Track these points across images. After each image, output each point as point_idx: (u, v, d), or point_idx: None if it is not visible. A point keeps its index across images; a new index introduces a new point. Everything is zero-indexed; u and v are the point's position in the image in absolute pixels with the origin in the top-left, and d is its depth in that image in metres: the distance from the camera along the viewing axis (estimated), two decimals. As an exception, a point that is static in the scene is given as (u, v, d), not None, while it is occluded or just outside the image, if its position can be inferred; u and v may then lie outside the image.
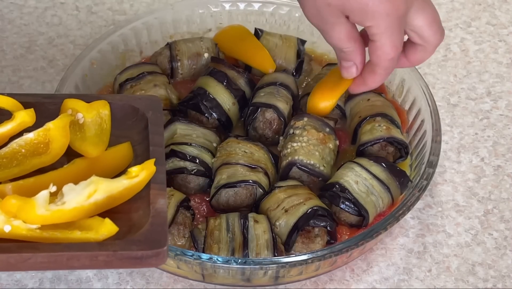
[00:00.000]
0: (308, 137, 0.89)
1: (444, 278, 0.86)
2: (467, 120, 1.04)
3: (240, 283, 0.83)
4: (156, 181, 0.64)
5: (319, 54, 1.07)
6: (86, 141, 0.68)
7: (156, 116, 0.71)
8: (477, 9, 1.21)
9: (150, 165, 0.63)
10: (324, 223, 0.83)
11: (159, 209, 0.62)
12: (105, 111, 0.70)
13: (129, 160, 0.68)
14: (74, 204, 0.60)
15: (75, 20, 1.15)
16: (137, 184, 0.63)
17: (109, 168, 0.67)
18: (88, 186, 0.60)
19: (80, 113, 0.69)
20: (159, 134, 0.69)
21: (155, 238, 0.60)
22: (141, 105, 0.72)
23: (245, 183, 0.86)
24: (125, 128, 0.71)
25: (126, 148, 0.69)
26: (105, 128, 0.70)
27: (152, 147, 0.68)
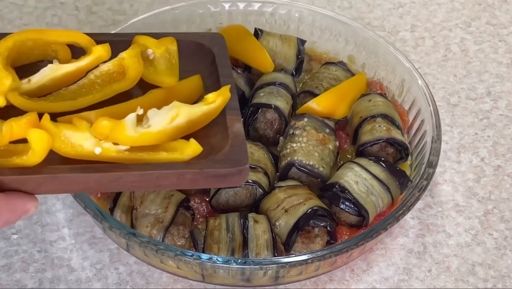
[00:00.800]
0: (308, 138, 0.89)
1: (444, 278, 0.86)
2: (467, 120, 1.04)
3: (240, 283, 0.83)
4: (230, 107, 0.68)
5: (318, 53, 1.07)
6: (160, 73, 0.72)
7: (221, 51, 0.75)
8: (477, 9, 1.21)
9: (225, 91, 0.67)
10: (324, 223, 0.83)
11: (237, 132, 0.66)
12: (173, 47, 0.74)
13: (200, 91, 0.72)
14: (159, 127, 0.63)
15: (75, 20, 1.15)
16: (214, 109, 0.66)
17: (182, 98, 0.69)
18: (171, 110, 0.64)
19: (150, 49, 0.73)
20: (226, 66, 0.73)
21: (236, 157, 0.64)
22: (206, 41, 0.75)
23: (245, 183, 0.86)
24: (193, 64, 0.74)
25: (196, 80, 0.73)
26: (174, 63, 0.73)
27: (222, 78, 0.72)
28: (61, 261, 0.86)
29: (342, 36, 1.05)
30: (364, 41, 1.04)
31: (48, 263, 0.86)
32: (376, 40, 1.02)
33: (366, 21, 1.17)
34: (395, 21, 1.18)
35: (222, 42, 0.76)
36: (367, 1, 1.21)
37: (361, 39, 1.04)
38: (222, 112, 0.68)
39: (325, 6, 1.19)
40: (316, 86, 0.98)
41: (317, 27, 1.07)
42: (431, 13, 1.20)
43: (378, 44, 1.02)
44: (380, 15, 1.19)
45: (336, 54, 1.06)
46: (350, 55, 1.05)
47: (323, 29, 1.06)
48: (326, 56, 1.07)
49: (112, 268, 0.85)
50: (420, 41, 1.15)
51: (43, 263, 0.85)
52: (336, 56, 1.06)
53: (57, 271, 0.85)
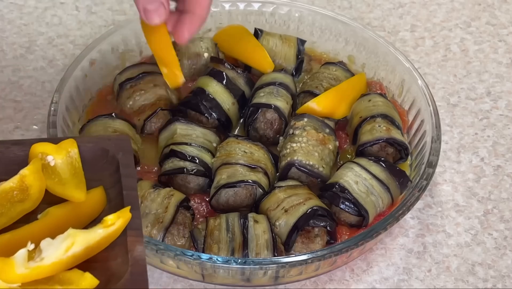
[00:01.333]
0: (308, 138, 0.89)
1: (444, 278, 0.86)
2: (467, 120, 1.04)
3: (240, 283, 0.83)
4: (132, 227, 0.63)
5: (318, 53, 1.07)
6: (67, 184, 0.67)
7: (126, 158, 0.69)
8: (477, 9, 1.21)
9: (125, 212, 0.62)
10: (324, 223, 0.83)
11: (138, 256, 0.61)
12: (74, 149, 0.69)
13: (103, 205, 0.68)
14: (53, 259, 0.59)
15: (75, 20, 1.15)
16: (114, 232, 0.62)
17: (83, 214, 0.66)
18: (66, 240, 0.60)
19: (50, 156, 0.68)
20: (131, 176, 0.68)
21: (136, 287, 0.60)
22: (110, 146, 0.70)
23: (245, 183, 0.86)
24: (96, 171, 0.69)
25: (99, 193, 0.67)
26: (78, 167, 0.69)
27: (125, 191, 0.66)
28: (61, 261, 0.86)
29: (342, 36, 1.05)
30: (364, 41, 1.04)
31: (48, 263, 0.85)
32: (376, 40, 1.02)
33: (366, 21, 1.17)
34: (395, 21, 1.18)
35: (127, 147, 0.70)
36: (367, 1, 1.21)
37: (361, 39, 1.04)
38: (124, 232, 0.63)
39: (325, 6, 1.19)
40: (316, 86, 0.98)
41: (317, 27, 1.07)
42: (431, 13, 1.20)
43: (378, 44, 1.02)
44: (380, 15, 1.19)
45: (336, 54, 1.06)
46: (350, 55, 1.05)
47: (323, 29, 1.06)
48: (326, 56, 1.07)
49: (112, 268, 0.85)
50: (420, 41, 1.15)
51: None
52: (336, 56, 1.06)
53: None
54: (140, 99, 0.95)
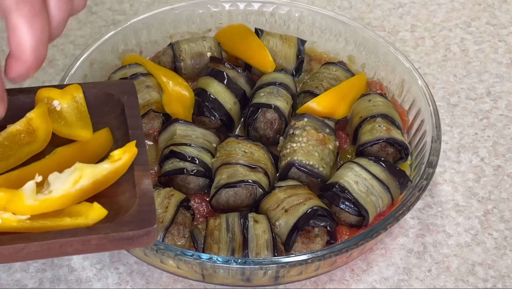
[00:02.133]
0: (308, 138, 0.89)
1: (444, 278, 0.87)
2: (467, 120, 1.04)
3: (240, 283, 0.83)
4: (139, 163, 0.64)
5: (318, 53, 1.07)
6: (73, 126, 0.69)
7: (131, 100, 0.70)
8: (477, 9, 1.21)
9: (131, 147, 0.63)
10: (324, 223, 0.83)
11: (145, 189, 0.63)
12: (79, 94, 0.70)
13: (109, 145, 0.69)
14: (61, 192, 0.60)
15: (75, 20, 1.15)
16: (121, 167, 0.63)
17: (90, 154, 0.67)
18: (73, 173, 0.61)
19: (56, 100, 0.70)
20: (136, 117, 0.69)
21: (144, 218, 0.61)
22: (115, 90, 0.71)
23: (245, 183, 0.86)
24: (102, 115, 0.71)
25: (105, 133, 0.69)
26: (83, 111, 0.70)
27: (131, 130, 0.68)
28: (61, 261, 0.86)
29: (342, 36, 1.05)
30: (364, 41, 1.04)
31: (48, 263, 0.86)
32: (376, 40, 1.02)
33: (366, 21, 1.17)
34: (395, 21, 1.18)
35: (132, 91, 0.71)
36: (367, 1, 1.21)
37: (361, 39, 1.04)
38: (131, 168, 0.64)
39: (325, 6, 1.19)
40: (316, 86, 0.98)
41: (317, 27, 1.07)
42: (431, 13, 1.20)
43: (378, 44, 1.02)
44: (380, 15, 1.19)
45: (336, 54, 1.06)
46: (350, 55, 1.05)
47: (323, 29, 1.07)
48: (326, 56, 1.07)
49: (112, 268, 0.86)
50: (420, 41, 1.15)
51: (43, 263, 0.85)
52: (336, 56, 1.06)
53: (57, 271, 0.85)
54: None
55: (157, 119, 0.94)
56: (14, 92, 0.71)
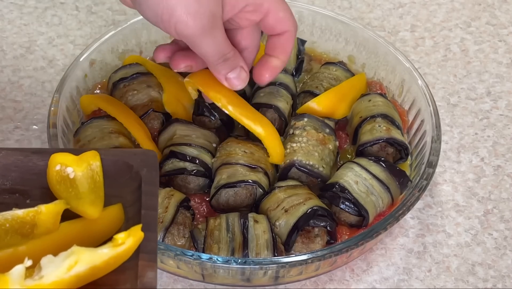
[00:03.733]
0: (308, 138, 0.89)
1: (444, 278, 0.86)
2: (467, 120, 1.04)
3: (240, 283, 0.83)
4: (145, 250, 0.59)
5: (318, 53, 1.07)
6: (82, 199, 0.63)
7: (151, 175, 0.65)
8: (477, 9, 1.21)
9: (137, 231, 0.58)
10: (324, 223, 0.83)
11: (147, 283, 0.57)
12: (96, 162, 0.66)
13: (120, 223, 0.63)
14: (53, 278, 0.55)
15: (75, 20, 1.15)
16: (123, 253, 0.57)
17: (98, 232, 0.62)
18: (68, 258, 0.56)
19: (70, 168, 0.65)
20: (153, 195, 0.63)
21: None
22: (135, 161, 0.66)
23: (245, 183, 0.86)
24: (117, 187, 0.65)
25: (116, 210, 0.64)
26: (98, 181, 0.65)
27: (144, 210, 0.62)
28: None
29: (342, 36, 1.05)
30: (364, 41, 1.04)
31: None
32: (376, 40, 1.02)
33: (366, 21, 1.17)
34: (395, 21, 1.18)
35: (154, 163, 0.66)
36: (367, 1, 1.21)
37: (361, 39, 1.04)
38: (136, 254, 0.58)
39: (325, 6, 1.19)
40: (316, 86, 0.98)
41: (317, 27, 1.07)
42: (431, 13, 1.20)
43: (378, 44, 1.02)
44: (380, 15, 1.19)
45: (336, 54, 1.06)
46: (350, 55, 1.05)
47: (323, 29, 1.06)
48: (326, 56, 1.07)
49: (112, 268, 0.85)
50: (420, 41, 1.15)
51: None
52: (336, 56, 1.06)
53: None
54: (133, 99, 0.95)
55: (157, 119, 0.94)
56: (28, 153, 0.67)
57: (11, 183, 0.66)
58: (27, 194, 0.66)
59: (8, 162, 0.66)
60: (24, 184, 0.65)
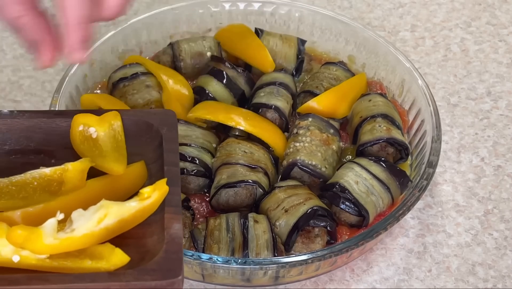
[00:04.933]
0: (311, 138, 0.89)
1: (444, 278, 0.86)
2: (467, 120, 1.04)
3: (240, 283, 0.83)
4: (170, 204, 0.61)
5: (318, 53, 1.07)
6: (107, 157, 0.65)
7: (171, 133, 0.67)
8: (477, 9, 1.21)
9: (162, 185, 0.60)
10: (324, 223, 0.83)
11: (174, 234, 0.59)
12: (117, 122, 0.67)
13: (143, 180, 0.65)
14: (84, 231, 0.57)
15: (75, 20, 1.15)
16: (150, 206, 0.60)
17: (122, 189, 0.64)
18: (98, 211, 0.58)
19: (93, 128, 0.67)
20: (174, 152, 0.65)
21: (169, 267, 0.57)
22: (155, 120, 0.68)
23: (245, 183, 0.86)
24: (139, 145, 0.67)
25: (140, 167, 0.66)
26: (120, 140, 0.67)
27: (166, 166, 0.64)
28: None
29: (342, 36, 1.05)
30: (364, 41, 1.04)
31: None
32: (376, 40, 1.02)
33: (366, 21, 1.17)
34: (395, 21, 1.18)
35: (173, 122, 0.68)
36: (367, 1, 1.21)
37: (361, 39, 1.04)
38: (162, 208, 0.60)
39: (325, 6, 1.19)
40: (316, 86, 0.98)
41: (317, 27, 1.07)
42: (431, 13, 1.20)
43: (378, 44, 1.02)
44: (380, 15, 1.19)
45: (336, 54, 1.06)
46: (350, 55, 1.05)
47: (323, 29, 1.06)
48: (326, 56, 1.07)
49: (112, 268, 0.85)
50: (420, 41, 1.15)
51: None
52: (336, 56, 1.06)
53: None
54: (132, 98, 0.95)
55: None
56: (51, 114, 0.69)
57: (35, 144, 0.67)
58: (52, 154, 0.67)
59: (32, 123, 0.68)
60: (49, 145, 0.67)
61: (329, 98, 0.95)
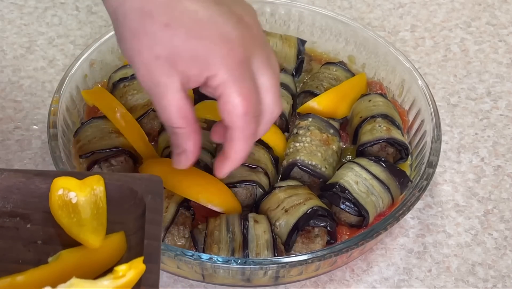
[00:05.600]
0: (311, 138, 0.89)
1: (444, 278, 0.86)
2: (467, 120, 1.04)
3: (240, 283, 0.83)
4: (147, 283, 0.57)
5: (319, 53, 1.07)
6: (85, 227, 0.62)
7: (155, 202, 0.63)
8: (477, 9, 1.21)
9: (139, 263, 0.56)
10: (324, 223, 0.83)
11: None
12: (100, 187, 0.64)
13: (122, 252, 0.62)
14: None
15: (75, 20, 1.15)
16: (124, 285, 0.56)
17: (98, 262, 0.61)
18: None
19: (73, 192, 0.64)
20: (156, 224, 0.61)
21: None
22: (140, 187, 0.64)
23: (245, 183, 0.86)
24: (121, 213, 0.64)
25: (119, 238, 0.62)
26: (101, 207, 0.64)
27: (146, 240, 0.60)
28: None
29: (342, 36, 1.05)
30: (364, 41, 1.04)
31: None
32: (376, 40, 1.02)
33: (366, 21, 1.17)
34: (395, 21, 1.18)
35: (159, 189, 0.64)
36: (367, 1, 1.21)
37: (361, 39, 1.04)
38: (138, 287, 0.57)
39: (325, 6, 1.19)
40: (316, 86, 0.98)
41: (317, 27, 1.07)
42: (431, 13, 1.20)
43: (378, 44, 1.02)
44: (380, 15, 1.19)
45: (336, 54, 1.06)
46: (350, 55, 1.05)
47: (323, 29, 1.06)
48: (326, 56, 1.07)
49: (112, 268, 0.85)
50: (420, 41, 1.15)
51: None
52: (336, 56, 1.06)
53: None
54: (132, 99, 0.95)
55: (156, 119, 0.94)
56: (30, 175, 0.66)
57: (12, 205, 0.64)
58: (28, 218, 0.64)
59: (10, 183, 0.65)
60: (26, 207, 0.64)
61: (329, 99, 0.95)
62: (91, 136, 0.90)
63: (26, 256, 0.61)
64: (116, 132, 0.90)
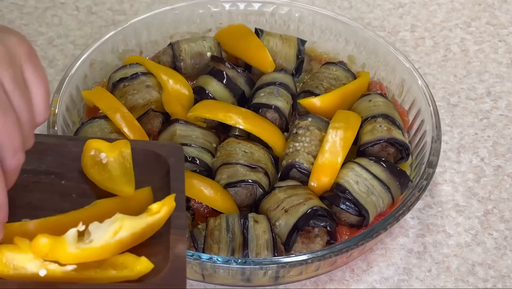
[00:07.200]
0: (311, 138, 0.89)
1: (444, 278, 0.86)
2: (467, 120, 1.04)
3: (240, 283, 0.83)
4: (176, 226, 0.64)
5: (319, 53, 1.07)
6: (117, 180, 0.68)
7: (177, 163, 0.70)
8: (477, 9, 1.21)
9: (170, 200, 0.62)
10: (324, 223, 0.83)
11: (178, 254, 0.62)
12: (127, 150, 0.70)
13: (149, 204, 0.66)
14: (101, 242, 0.59)
15: (75, 20, 1.15)
16: (158, 220, 0.62)
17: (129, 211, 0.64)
18: (114, 223, 0.60)
19: (103, 153, 0.69)
20: (180, 180, 0.69)
21: (174, 283, 0.60)
22: (163, 151, 0.71)
23: (245, 183, 0.86)
24: (146, 173, 0.70)
25: (146, 192, 0.68)
26: (128, 167, 0.70)
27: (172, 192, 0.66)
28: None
29: (342, 36, 1.05)
30: (364, 41, 1.04)
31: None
32: (376, 40, 1.02)
33: (366, 21, 1.17)
34: (395, 21, 1.18)
35: (180, 154, 0.71)
36: (367, 1, 1.21)
37: (361, 39, 1.04)
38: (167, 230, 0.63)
39: (325, 6, 1.19)
40: (316, 86, 0.98)
41: (317, 27, 1.07)
42: (431, 13, 1.20)
43: (378, 44, 1.02)
44: (380, 15, 1.19)
45: (336, 54, 1.06)
46: (350, 55, 1.05)
47: (323, 29, 1.07)
48: (326, 56, 1.07)
49: (112, 268, 0.85)
50: (420, 41, 1.15)
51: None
52: (336, 56, 1.06)
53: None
54: (132, 99, 0.95)
55: (156, 119, 0.94)
56: (64, 139, 0.73)
57: (46, 165, 0.70)
58: (62, 176, 0.70)
59: (44, 147, 0.70)
60: (60, 167, 0.69)
61: (333, 98, 0.95)
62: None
63: (63, 206, 0.66)
64: (116, 132, 0.90)
